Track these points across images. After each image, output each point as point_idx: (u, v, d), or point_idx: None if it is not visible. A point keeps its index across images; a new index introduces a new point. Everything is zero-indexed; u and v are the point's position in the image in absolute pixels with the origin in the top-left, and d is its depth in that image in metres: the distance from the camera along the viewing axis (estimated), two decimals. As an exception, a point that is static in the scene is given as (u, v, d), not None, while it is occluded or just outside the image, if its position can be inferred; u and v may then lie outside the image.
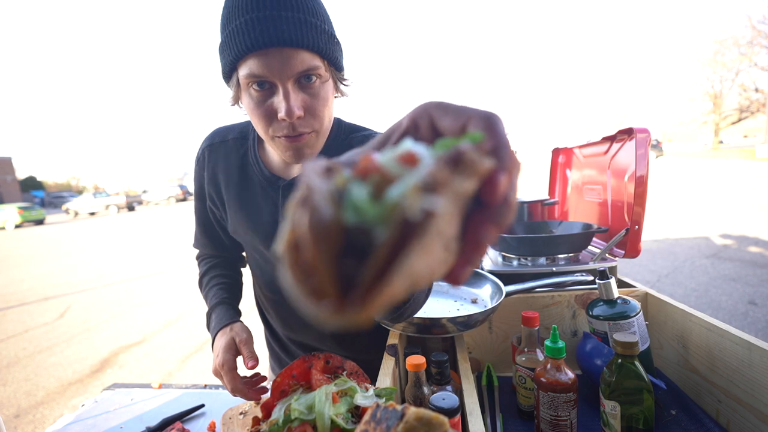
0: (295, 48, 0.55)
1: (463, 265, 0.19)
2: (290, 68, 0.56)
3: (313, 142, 0.64)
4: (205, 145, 0.84)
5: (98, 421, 0.88)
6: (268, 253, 0.81)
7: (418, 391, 0.63)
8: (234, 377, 0.72)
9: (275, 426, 0.49)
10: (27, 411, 2.61)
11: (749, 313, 3.09)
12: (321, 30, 0.58)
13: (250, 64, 0.56)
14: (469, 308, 0.83)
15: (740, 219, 6.30)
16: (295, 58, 0.56)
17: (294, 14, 0.55)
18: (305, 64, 0.57)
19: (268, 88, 0.58)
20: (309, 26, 0.56)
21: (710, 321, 0.72)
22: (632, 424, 0.62)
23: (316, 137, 0.64)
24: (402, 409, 0.30)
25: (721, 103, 31.13)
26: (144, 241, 10.25)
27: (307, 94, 0.60)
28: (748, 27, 27.53)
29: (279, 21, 0.54)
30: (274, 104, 0.59)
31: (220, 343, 0.76)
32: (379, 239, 0.15)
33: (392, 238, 0.15)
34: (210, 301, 0.89)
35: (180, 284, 5.47)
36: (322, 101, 0.61)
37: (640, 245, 1.00)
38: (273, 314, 0.98)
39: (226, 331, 0.78)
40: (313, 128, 0.62)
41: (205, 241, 0.96)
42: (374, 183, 0.17)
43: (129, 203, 24.54)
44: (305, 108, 0.60)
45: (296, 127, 0.60)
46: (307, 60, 0.57)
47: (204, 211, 0.90)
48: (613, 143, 1.15)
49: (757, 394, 0.61)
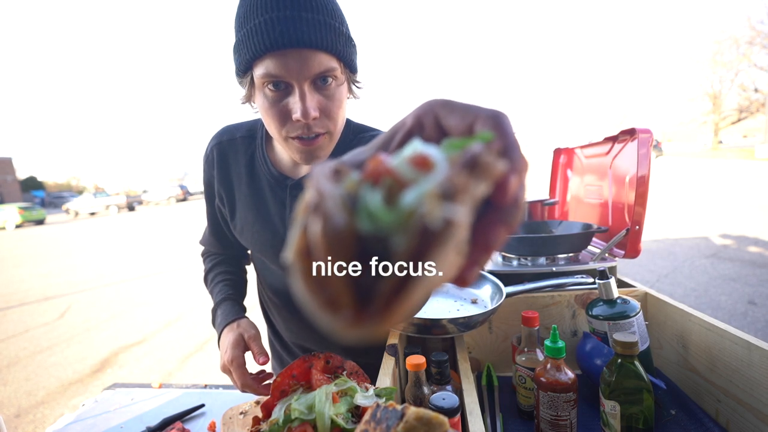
0: (314, 50, 0.55)
1: (471, 266, 0.18)
2: (308, 70, 0.56)
3: (326, 144, 0.64)
4: (213, 144, 0.83)
5: (98, 421, 0.88)
6: (274, 254, 0.81)
7: (418, 391, 0.64)
8: (243, 373, 0.73)
9: (275, 426, 0.49)
10: (27, 411, 2.61)
11: (749, 313, 3.09)
12: (339, 32, 0.57)
13: (267, 64, 0.56)
14: (469, 309, 0.83)
15: (740, 219, 6.30)
16: (313, 59, 0.55)
17: (314, 15, 0.54)
18: (323, 66, 0.56)
19: (283, 88, 0.58)
20: (328, 28, 0.55)
21: (710, 321, 0.72)
22: (632, 424, 0.62)
23: (330, 139, 0.64)
24: (402, 409, 0.30)
25: (721, 103, 31.10)
26: (144, 241, 10.25)
27: (322, 95, 0.60)
28: (747, 27, 27.55)
29: (299, 22, 0.53)
30: (290, 105, 0.58)
31: (227, 340, 0.76)
32: (396, 248, 0.15)
33: (411, 247, 0.14)
34: (215, 296, 0.89)
35: (180, 284, 5.47)
36: (337, 103, 0.61)
37: (640, 245, 1.00)
38: (276, 315, 0.98)
39: (233, 327, 0.78)
40: (327, 129, 0.62)
41: (212, 239, 0.96)
42: (386, 187, 0.16)
43: (129, 203, 24.54)
44: (321, 109, 0.59)
45: (311, 128, 0.60)
46: (325, 62, 0.57)
47: (213, 209, 0.90)
48: (615, 143, 1.15)
49: (756, 393, 0.61)
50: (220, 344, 0.78)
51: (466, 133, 0.21)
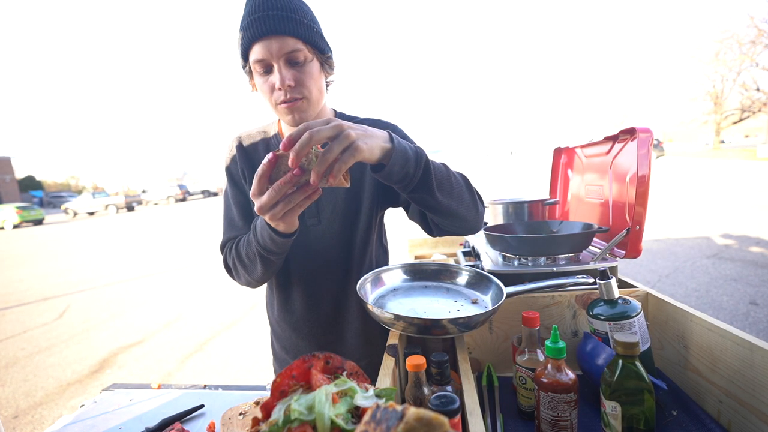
0: (283, 35, 0.75)
1: None
2: (279, 50, 0.76)
3: (305, 106, 0.82)
4: (235, 143, 0.97)
5: (97, 421, 0.88)
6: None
7: (418, 392, 0.63)
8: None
9: (275, 426, 0.49)
10: (26, 412, 2.61)
11: (750, 314, 3.08)
12: (301, 23, 0.77)
13: (255, 51, 0.77)
14: (469, 309, 0.83)
15: (741, 219, 6.30)
16: (282, 42, 0.75)
17: (282, 13, 0.75)
18: (289, 46, 0.76)
19: (269, 69, 0.79)
20: (292, 21, 0.76)
21: (711, 321, 0.71)
22: (633, 425, 0.62)
23: (308, 104, 0.82)
24: (402, 409, 0.30)
25: (723, 102, 31.04)
26: (143, 241, 10.25)
27: (296, 70, 0.79)
28: (750, 26, 27.50)
29: (272, 18, 0.75)
30: (272, 79, 0.78)
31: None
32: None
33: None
34: (250, 235, 0.85)
35: (179, 284, 5.47)
36: (308, 75, 0.80)
37: (641, 245, 0.99)
38: (280, 313, 0.99)
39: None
40: (303, 95, 0.80)
41: (242, 224, 0.96)
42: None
43: (128, 203, 24.54)
44: (295, 80, 0.78)
45: (290, 93, 0.79)
46: (291, 44, 0.76)
47: (245, 198, 0.97)
48: (615, 143, 1.15)
49: (758, 394, 0.61)
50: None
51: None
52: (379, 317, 0.74)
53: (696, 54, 32.17)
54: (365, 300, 0.77)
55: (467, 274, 0.95)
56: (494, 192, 12.90)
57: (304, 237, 0.93)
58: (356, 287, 0.81)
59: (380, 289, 0.92)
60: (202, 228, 11.82)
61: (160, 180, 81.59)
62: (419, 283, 0.96)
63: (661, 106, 58.41)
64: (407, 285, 0.95)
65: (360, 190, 0.94)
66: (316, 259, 0.95)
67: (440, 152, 71.80)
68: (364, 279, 0.88)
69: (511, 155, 64.08)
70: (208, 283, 5.39)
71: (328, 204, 0.93)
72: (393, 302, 0.86)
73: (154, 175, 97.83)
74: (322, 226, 0.93)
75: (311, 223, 0.93)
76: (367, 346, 1.00)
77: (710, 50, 30.59)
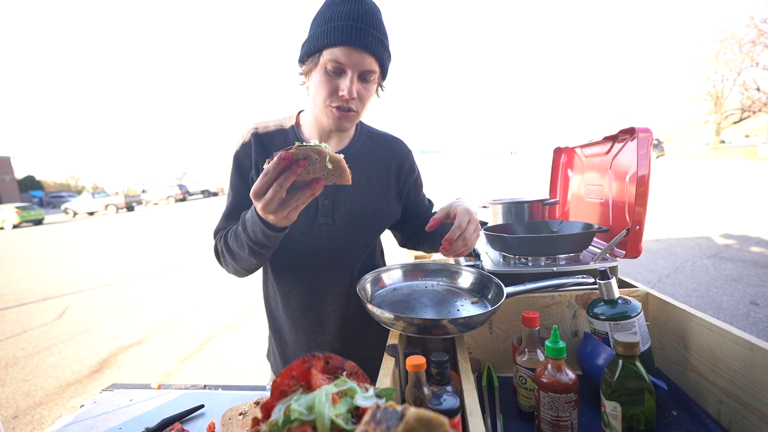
0: (369, 54, 0.80)
1: None
2: (361, 64, 0.80)
3: (354, 118, 0.87)
4: (250, 132, 0.97)
5: (97, 422, 0.88)
6: (303, 217, 0.91)
7: (418, 392, 0.63)
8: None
9: (275, 426, 0.49)
10: (25, 412, 2.61)
11: (751, 314, 3.08)
12: (385, 47, 0.84)
13: (336, 52, 0.79)
14: (469, 309, 0.82)
15: (742, 219, 6.29)
16: (366, 59, 0.80)
17: (374, 31, 0.80)
18: (370, 66, 0.82)
19: (340, 72, 0.81)
20: (378, 42, 0.81)
21: (711, 321, 0.71)
22: (633, 425, 0.62)
23: (357, 117, 0.87)
24: (402, 409, 0.30)
25: (723, 102, 30.99)
26: (143, 241, 10.24)
27: (362, 86, 0.84)
28: (750, 26, 27.46)
29: (367, 34, 0.79)
30: (340, 83, 0.82)
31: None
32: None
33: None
34: (238, 227, 0.85)
35: (179, 284, 5.47)
36: (369, 94, 0.86)
37: (641, 245, 0.99)
38: (282, 311, 0.99)
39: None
40: (357, 109, 0.85)
41: (239, 213, 0.94)
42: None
43: (128, 203, 24.52)
44: (359, 94, 0.84)
45: (349, 103, 0.83)
46: (372, 64, 0.82)
47: (247, 188, 0.95)
48: (615, 143, 1.15)
49: (758, 394, 0.61)
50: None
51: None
52: (379, 317, 0.74)
53: (696, 54, 32.13)
54: (365, 300, 0.77)
55: (467, 274, 0.95)
56: (494, 192, 12.90)
57: (314, 234, 0.93)
58: (357, 288, 0.81)
59: (380, 289, 0.92)
60: (202, 228, 11.81)
61: (159, 180, 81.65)
62: (419, 283, 0.96)
63: (661, 106, 58.38)
64: (407, 285, 0.95)
65: (385, 202, 0.99)
66: (322, 257, 0.95)
67: (440, 152, 71.60)
68: (364, 279, 0.88)
69: (511, 155, 64.09)
70: (208, 283, 5.40)
71: (344, 205, 0.93)
72: (393, 302, 0.86)
73: (153, 174, 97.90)
74: (335, 226, 0.93)
75: (324, 222, 0.93)
76: (366, 341, 1.01)
77: (710, 50, 30.55)
